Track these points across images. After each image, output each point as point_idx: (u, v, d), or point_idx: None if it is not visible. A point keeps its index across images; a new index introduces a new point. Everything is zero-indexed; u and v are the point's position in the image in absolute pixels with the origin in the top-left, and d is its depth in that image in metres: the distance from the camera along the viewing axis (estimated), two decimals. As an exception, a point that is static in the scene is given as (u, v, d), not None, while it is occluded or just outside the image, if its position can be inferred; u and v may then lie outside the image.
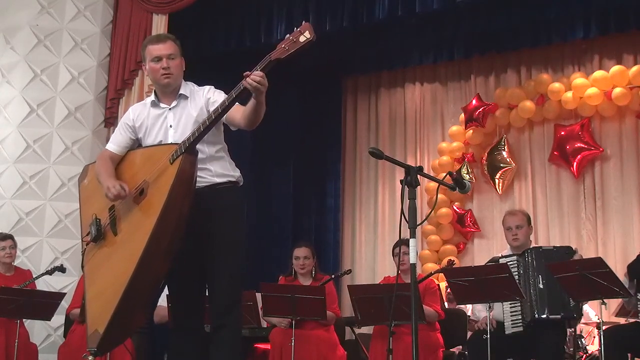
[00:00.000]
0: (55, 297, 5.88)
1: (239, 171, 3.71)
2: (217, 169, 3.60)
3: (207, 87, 3.66)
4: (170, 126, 3.59)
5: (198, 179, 3.48)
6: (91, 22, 7.41)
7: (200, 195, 3.47)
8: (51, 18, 7.32)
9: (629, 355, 5.05)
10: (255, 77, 3.15)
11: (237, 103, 3.37)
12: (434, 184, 8.03)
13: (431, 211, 7.35)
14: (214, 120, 3.36)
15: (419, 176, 3.22)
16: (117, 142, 3.72)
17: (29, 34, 7.27)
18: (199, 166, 3.46)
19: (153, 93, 3.71)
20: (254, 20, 7.48)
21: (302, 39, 3.10)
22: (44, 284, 6.57)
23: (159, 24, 7.12)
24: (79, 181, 3.86)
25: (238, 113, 3.41)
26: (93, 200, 3.68)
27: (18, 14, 7.33)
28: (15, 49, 7.29)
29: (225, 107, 3.32)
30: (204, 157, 3.54)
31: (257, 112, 3.34)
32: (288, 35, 3.16)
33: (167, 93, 3.65)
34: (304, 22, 3.17)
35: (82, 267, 3.62)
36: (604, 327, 4.81)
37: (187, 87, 3.66)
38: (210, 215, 3.50)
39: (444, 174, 3.50)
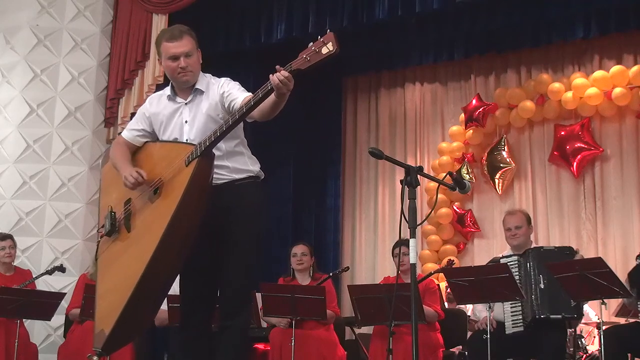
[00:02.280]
0: (55, 297, 5.88)
1: (259, 165, 3.61)
2: (235, 165, 3.50)
3: (222, 80, 3.54)
4: (186, 122, 3.51)
5: (216, 176, 3.39)
6: (91, 22, 7.41)
7: (219, 191, 3.39)
8: (51, 18, 7.32)
9: (629, 355, 5.05)
10: (280, 76, 3.03)
11: (250, 94, 3.26)
12: (434, 184, 8.02)
13: (431, 211, 7.34)
14: (236, 120, 3.23)
15: (419, 176, 3.22)
16: (132, 130, 3.65)
17: (29, 34, 7.26)
18: (216, 163, 3.37)
19: (170, 86, 3.61)
20: (254, 20, 7.45)
21: (324, 50, 2.95)
22: (44, 284, 6.57)
23: (159, 24, 7.10)
24: (102, 165, 3.80)
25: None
26: (110, 191, 3.62)
27: (18, 14, 7.32)
28: (15, 49, 7.28)
29: (249, 108, 3.17)
30: (221, 154, 3.43)
31: (274, 109, 3.23)
32: (311, 44, 3.01)
33: (184, 88, 3.55)
34: (328, 30, 3.01)
35: (96, 258, 3.57)
36: (604, 327, 4.82)
37: (204, 81, 3.55)
38: (227, 214, 3.42)
39: (444, 174, 3.50)
